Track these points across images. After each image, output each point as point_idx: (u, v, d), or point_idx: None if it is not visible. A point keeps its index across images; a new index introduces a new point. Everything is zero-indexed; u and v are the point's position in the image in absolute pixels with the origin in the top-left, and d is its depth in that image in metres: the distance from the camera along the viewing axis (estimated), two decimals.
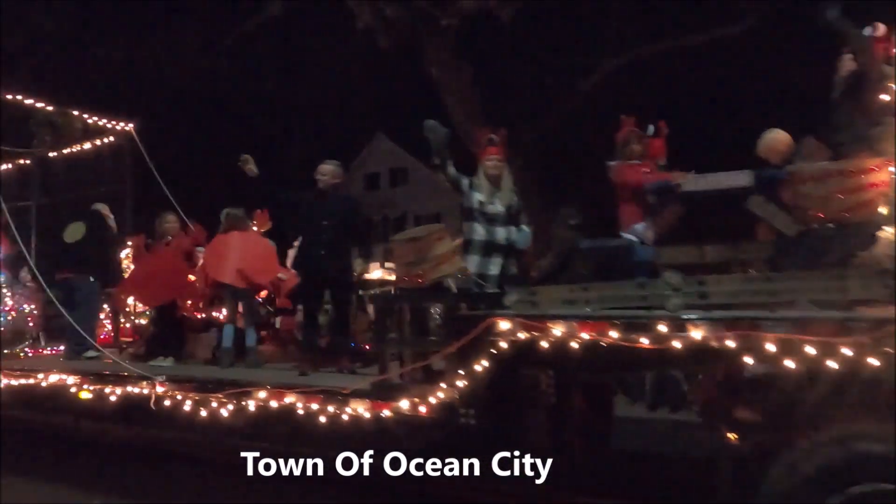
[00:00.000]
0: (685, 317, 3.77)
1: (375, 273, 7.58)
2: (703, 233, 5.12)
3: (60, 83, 12.94)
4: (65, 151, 9.29)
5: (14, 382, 6.79)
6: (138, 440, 6.19)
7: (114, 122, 9.30)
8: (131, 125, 9.35)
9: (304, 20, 16.01)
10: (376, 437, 4.63)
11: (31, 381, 6.62)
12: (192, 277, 6.94)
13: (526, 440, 4.54)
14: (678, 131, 5.26)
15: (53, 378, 6.51)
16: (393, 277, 7.51)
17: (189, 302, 7.07)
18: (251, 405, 5.15)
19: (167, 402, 5.63)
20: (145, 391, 5.80)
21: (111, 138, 9.32)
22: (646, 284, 4.25)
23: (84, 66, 15.54)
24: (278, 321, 7.96)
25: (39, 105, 8.55)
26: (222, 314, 7.68)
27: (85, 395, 6.44)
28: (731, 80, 14.45)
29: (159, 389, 5.71)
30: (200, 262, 7.08)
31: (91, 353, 7.53)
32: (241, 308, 6.57)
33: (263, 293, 7.12)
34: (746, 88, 14.40)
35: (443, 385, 4.44)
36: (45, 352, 8.37)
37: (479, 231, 5.25)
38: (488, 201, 5.32)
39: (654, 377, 7.78)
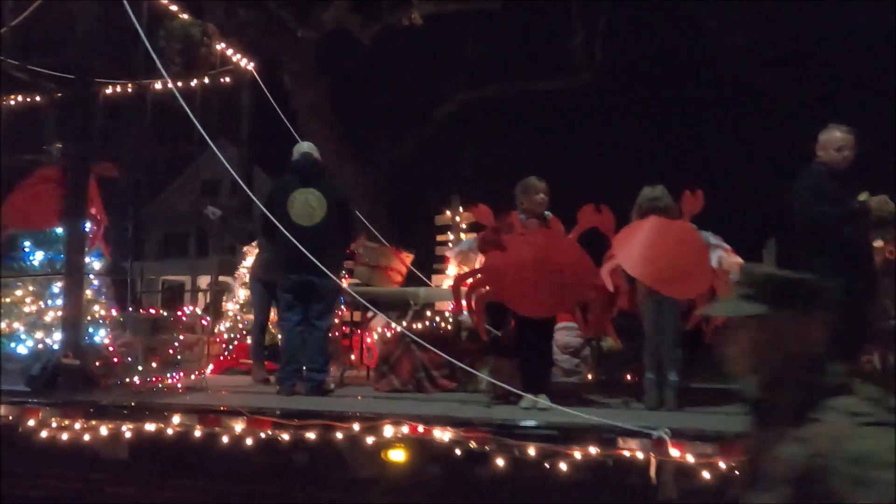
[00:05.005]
0: None
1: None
2: None
3: None
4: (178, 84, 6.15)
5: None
6: None
7: (237, 56, 6.64)
8: (252, 64, 6.71)
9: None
10: None
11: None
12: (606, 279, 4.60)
13: None
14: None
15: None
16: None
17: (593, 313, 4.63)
18: None
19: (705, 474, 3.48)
20: (638, 453, 3.63)
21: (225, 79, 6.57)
22: None
23: None
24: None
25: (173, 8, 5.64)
26: None
27: (397, 455, 4.12)
28: (565, 127, 15.75)
29: (673, 452, 3.56)
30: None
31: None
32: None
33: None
34: (581, 136, 15.67)
35: None
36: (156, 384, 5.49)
37: None
38: None
39: None
